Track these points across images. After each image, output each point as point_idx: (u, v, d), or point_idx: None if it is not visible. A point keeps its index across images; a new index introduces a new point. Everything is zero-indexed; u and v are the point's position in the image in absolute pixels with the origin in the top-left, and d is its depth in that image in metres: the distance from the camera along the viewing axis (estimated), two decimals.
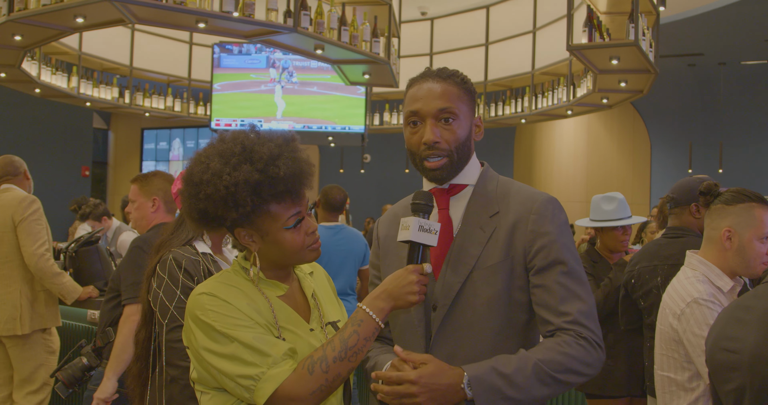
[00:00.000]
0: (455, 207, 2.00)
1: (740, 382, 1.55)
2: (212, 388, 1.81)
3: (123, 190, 16.68)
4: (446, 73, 1.98)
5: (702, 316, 2.48)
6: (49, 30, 6.92)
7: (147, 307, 2.67)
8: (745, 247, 2.55)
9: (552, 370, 1.74)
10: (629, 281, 3.62)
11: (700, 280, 2.55)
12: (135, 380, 2.75)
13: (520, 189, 1.99)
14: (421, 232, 1.82)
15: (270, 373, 1.70)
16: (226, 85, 11.59)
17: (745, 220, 2.56)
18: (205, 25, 6.37)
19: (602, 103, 9.58)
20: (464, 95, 1.96)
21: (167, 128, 16.53)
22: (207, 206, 1.77)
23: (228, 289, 1.81)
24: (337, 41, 7.04)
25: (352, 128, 11.54)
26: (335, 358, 1.73)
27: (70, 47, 9.94)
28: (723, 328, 1.67)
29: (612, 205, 4.03)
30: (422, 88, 1.96)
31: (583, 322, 1.81)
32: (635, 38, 6.86)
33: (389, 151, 16.33)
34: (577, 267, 1.88)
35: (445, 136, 1.92)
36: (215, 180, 1.75)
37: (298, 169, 1.81)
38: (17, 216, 4.48)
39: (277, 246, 1.84)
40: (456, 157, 1.94)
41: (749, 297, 1.69)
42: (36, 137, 14.42)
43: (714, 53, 11.98)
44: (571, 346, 1.77)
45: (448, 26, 11.84)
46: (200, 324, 1.76)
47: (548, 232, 1.88)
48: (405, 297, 1.79)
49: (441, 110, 1.92)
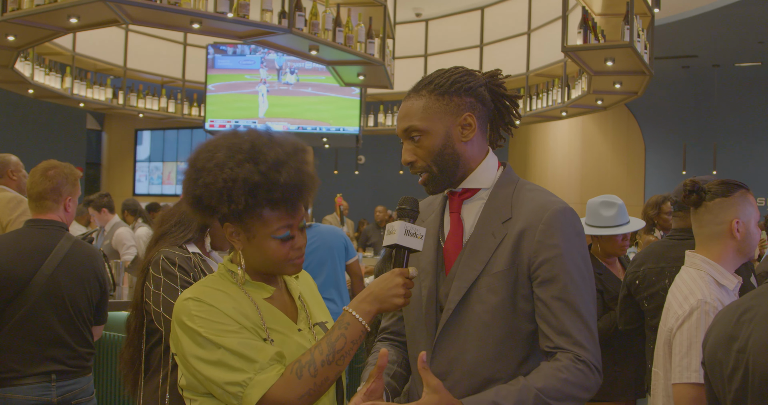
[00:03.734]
0: (469, 211, 1.98)
1: (741, 382, 1.54)
2: (201, 395, 1.80)
3: (117, 191, 16.65)
4: (422, 84, 1.96)
5: (697, 323, 2.46)
6: (43, 30, 6.89)
7: (139, 297, 2.73)
8: (750, 233, 2.57)
9: (551, 398, 1.72)
10: (632, 282, 3.60)
11: (706, 281, 2.54)
12: (127, 366, 2.82)
13: (535, 195, 1.93)
14: (407, 236, 1.82)
15: (257, 378, 1.69)
16: (220, 86, 11.56)
17: (745, 207, 2.57)
18: (199, 25, 6.35)
19: (597, 104, 9.58)
20: (435, 103, 1.92)
21: (161, 129, 16.51)
22: (203, 194, 1.76)
23: (214, 293, 1.79)
24: (332, 42, 7.02)
25: (346, 129, 11.53)
26: (323, 362, 1.72)
27: (64, 48, 9.90)
28: (723, 328, 1.66)
29: (612, 211, 3.97)
30: (400, 109, 1.98)
31: (582, 343, 1.79)
32: (630, 40, 6.86)
33: (384, 152, 16.33)
34: (582, 283, 1.83)
35: (418, 153, 1.93)
36: (216, 171, 1.73)
37: (300, 180, 1.78)
38: (4, 217, 4.46)
39: (260, 251, 1.82)
40: (436, 169, 1.93)
41: (750, 297, 1.68)
42: (29, 138, 14.39)
43: (708, 55, 12.02)
44: (570, 371, 1.75)
45: (442, 27, 11.83)
46: (187, 330, 1.75)
47: (555, 245, 1.82)
48: (390, 300, 1.78)
49: (405, 131, 1.94)
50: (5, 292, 3.13)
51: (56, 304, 3.20)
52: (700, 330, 2.42)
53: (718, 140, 12.69)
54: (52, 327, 3.20)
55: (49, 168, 3.36)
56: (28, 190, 3.34)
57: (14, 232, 3.46)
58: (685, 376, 2.40)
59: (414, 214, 1.87)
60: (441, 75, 1.96)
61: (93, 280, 3.37)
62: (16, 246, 3.25)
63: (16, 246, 3.25)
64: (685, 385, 2.40)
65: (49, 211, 3.33)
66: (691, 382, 2.37)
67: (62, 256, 3.24)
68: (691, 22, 10.28)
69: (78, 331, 3.29)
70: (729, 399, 1.59)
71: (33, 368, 3.15)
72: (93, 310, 3.38)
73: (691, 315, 2.46)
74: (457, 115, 1.93)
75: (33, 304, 3.16)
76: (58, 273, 3.22)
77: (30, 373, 3.14)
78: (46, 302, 3.18)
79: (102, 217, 7.02)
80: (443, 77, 1.95)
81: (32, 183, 3.33)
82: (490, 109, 2.00)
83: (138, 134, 16.97)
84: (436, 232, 2.01)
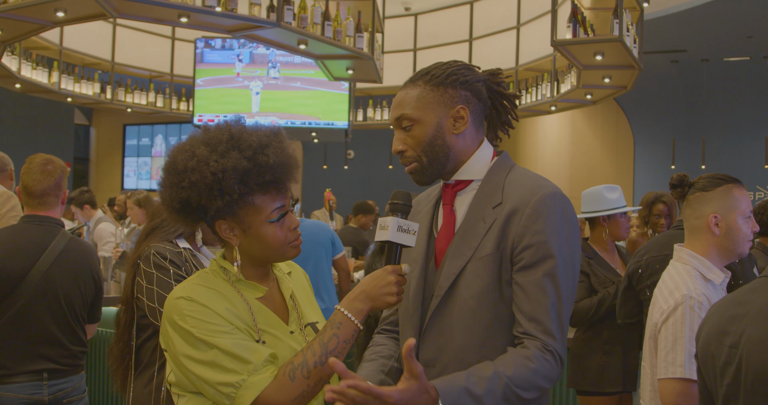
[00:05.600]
0: (462, 201, 1.97)
1: (733, 377, 1.54)
2: (189, 391, 1.78)
3: (105, 186, 16.58)
4: (419, 74, 1.97)
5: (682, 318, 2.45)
6: (29, 24, 6.85)
7: (129, 292, 2.71)
8: (733, 229, 2.54)
9: (519, 387, 1.71)
10: (635, 272, 3.61)
11: (692, 276, 2.53)
12: (117, 361, 2.80)
13: (526, 179, 1.91)
14: (400, 233, 1.80)
15: (251, 380, 1.67)
16: (208, 81, 11.51)
17: (727, 202, 2.55)
18: (187, 19, 6.32)
19: (586, 99, 9.60)
20: (429, 94, 1.92)
21: (149, 124, 16.42)
22: (190, 195, 1.73)
23: (207, 291, 1.77)
24: (321, 36, 7.02)
25: (335, 124, 11.51)
26: (316, 363, 1.71)
27: (51, 42, 9.84)
28: (717, 323, 1.65)
29: (615, 193, 4.10)
30: (395, 98, 1.99)
31: (552, 332, 1.78)
32: (619, 34, 6.88)
33: (373, 147, 16.31)
34: (564, 271, 1.82)
35: (408, 141, 1.93)
36: (201, 166, 1.71)
37: (286, 159, 1.79)
38: None
39: (259, 240, 1.81)
40: (426, 160, 1.92)
41: (744, 292, 1.67)
42: (16, 133, 14.29)
43: (697, 50, 12.05)
44: (538, 360, 1.75)
45: (432, 22, 11.82)
46: (179, 330, 1.73)
47: (539, 230, 1.81)
48: (383, 298, 1.77)
49: (397, 119, 1.94)
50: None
51: (50, 301, 3.17)
52: (686, 325, 2.42)
53: (707, 135, 12.73)
54: (45, 325, 3.16)
55: (46, 163, 3.29)
56: (29, 188, 3.25)
57: (10, 227, 3.41)
58: (671, 371, 2.40)
59: (407, 209, 1.86)
60: (439, 67, 1.96)
61: (88, 278, 3.33)
62: (11, 241, 3.20)
63: (12, 241, 3.20)
64: (670, 380, 2.40)
65: (50, 208, 3.28)
66: (676, 377, 2.37)
67: (58, 252, 3.20)
68: (680, 17, 10.29)
69: (71, 330, 3.26)
70: (721, 393, 1.58)
71: (25, 366, 3.12)
72: (87, 308, 3.35)
73: (676, 310, 2.46)
74: (451, 106, 1.93)
75: (27, 300, 3.12)
76: (53, 270, 3.18)
77: (22, 371, 3.11)
78: (41, 299, 3.14)
79: (85, 214, 6.97)
80: (440, 69, 1.95)
81: (34, 181, 3.24)
82: (486, 106, 2.00)
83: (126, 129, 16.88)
84: (428, 223, 2.01)
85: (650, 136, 13.84)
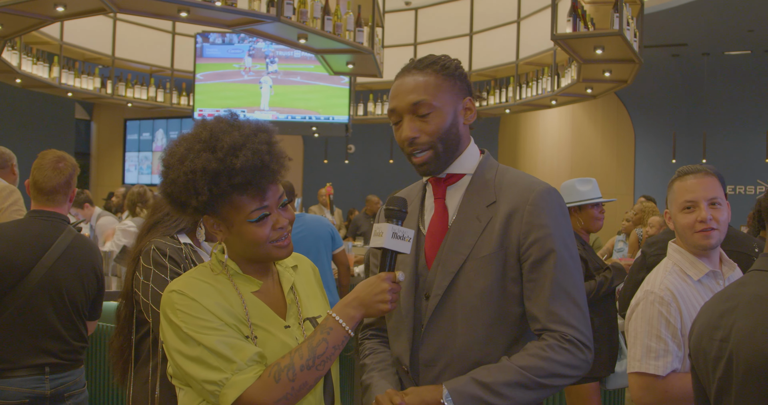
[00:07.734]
0: (452, 196, 1.98)
1: (725, 370, 1.54)
2: (185, 385, 1.80)
3: (106, 181, 16.59)
4: (425, 63, 1.96)
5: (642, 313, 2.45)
6: (30, 19, 6.85)
7: (130, 287, 2.72)
8: (676, 222, 2.53)
9: (536, 375, 1.74)
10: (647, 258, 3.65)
11: (669, 270, 2.52)
12: (116, 355, 2.81)
13: (518, 178, 1.94)
14: (395, 239, 1.80)
15: (234, 379, 1.68)
16: (209, 75, 11.52)
17: (669, 196, 2.56)
18: (187, 14, 6.32)
19: (586, 93, 9.59)
20: (444, 82, 1.92)
21: (150, 119, 16.41)
22: (172, 190, 1.76)
23: (200, 285, 1.78)
24: (321, 31, 7.01)
25: (336, 118, 11.50)
26: (302, 367, 1.71)
27: (51, 37, 9.84)
28: (707, 319, 1.65)
29: (588, 186, 4.23)
30: (398, 84, 1.96)
31: (570, 321, 1.80)
32: (620, 28, 6.86)
33: (373, 141, 16.30)
34: (571, 261, 1.85)
35: (424, 128, 1.90)
36: (178, 165, 1.74)
37: (259, 162, 1.74)
38: None
39: (240, 238, 1.81)
40: (441, 148, 1.91)
41: (734, 286, 1.67)
42: (17, 128, 14.28)
43: (698, 43, 12.02)
44: (555, 350, 1.77)
45: (432, 16, 11.80)
46: (170, 323, 1.75)
47: (544, 224, 1.84)
48: (376, 305, 1.77)
49: (414, 104, 1.90)
50: (4, 281, 3.10)
51: (54, 296, 3.18)
52: (644, 320, 2.43)
53: (707, 128, 12.70)
54: (48, 319, 3.17)
55: (58, 160, 3.29)
56: (39, 183, 3.25)
57: (17, 222, 3.42)
58: (632, 365, 2.42)
59: (402, 216, 1.85)
60: (444, 58, 1.97)
61: (91, 275, 3.34)
62: (17, 236, 3.21)
63: (18, 236, 3.21)
64: (632, 374, 2.42)
65: (58, 205, 3.29)
66: (641, 372, 2.38)
67: (63, 248, 3.21)
68: (681, 11, 10.26)
69: (73, 325, 3.27)
70: (714, 388, 1.59)
71: (27, 360, 3.13)
72: (89, 304, 3.36)
73: (637, 305, 2.48)
74: (461, 97, 1.96)
75: (30, 295, 3.13)
76: (57, 265, 3.19)
77: (24, 364, 3.12)
78: (44, 294, 3.15)
79: (86, 213, 7.07)
80: (448, 60, 1.97)
81: (45, 177, 3.24)
82: None
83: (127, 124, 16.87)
84: (415, 221, 2.01)
85: (651, 130, 13.82)
